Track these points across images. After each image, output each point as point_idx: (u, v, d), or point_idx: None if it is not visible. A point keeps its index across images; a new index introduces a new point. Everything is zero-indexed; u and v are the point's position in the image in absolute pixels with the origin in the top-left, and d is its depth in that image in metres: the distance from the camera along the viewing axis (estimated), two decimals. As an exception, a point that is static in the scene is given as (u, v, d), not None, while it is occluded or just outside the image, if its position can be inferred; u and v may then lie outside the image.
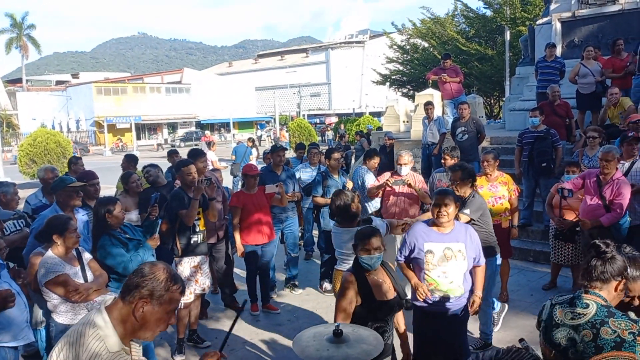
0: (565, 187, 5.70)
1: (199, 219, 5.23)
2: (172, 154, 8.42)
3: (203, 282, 5.29)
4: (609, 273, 2.38)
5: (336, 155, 7.17)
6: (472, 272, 3.99)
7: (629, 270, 2.43)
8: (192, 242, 5.17)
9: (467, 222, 4.38)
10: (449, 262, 3.74)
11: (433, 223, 3.84)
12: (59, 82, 70.84)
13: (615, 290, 2.40)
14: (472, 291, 4.01)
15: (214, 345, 5.43)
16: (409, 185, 5.97)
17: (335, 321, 3.22)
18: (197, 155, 5.97)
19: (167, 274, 2.06)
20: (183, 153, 7.43)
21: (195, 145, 44.13)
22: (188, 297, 5.07)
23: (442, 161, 6.43)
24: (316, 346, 2.41)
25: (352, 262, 3.51)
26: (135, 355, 2.16)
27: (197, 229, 5.23)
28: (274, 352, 5.19)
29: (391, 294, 3.31)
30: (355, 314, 3.23)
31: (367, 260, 3.26)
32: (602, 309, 2.35)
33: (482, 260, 3.99)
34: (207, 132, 47.25)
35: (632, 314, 2.39)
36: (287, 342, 5.35)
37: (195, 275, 5.19)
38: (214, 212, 5.53)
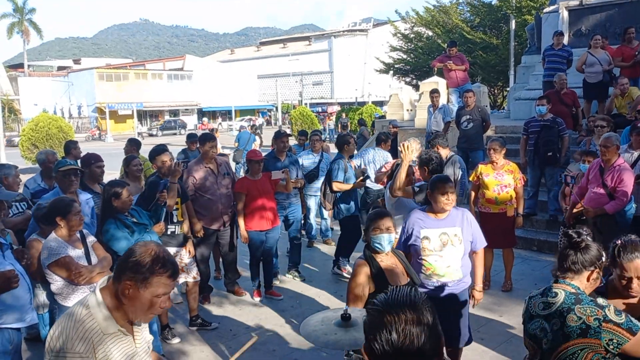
0: (569, 174, 5.68)
1: (177, 209, 5.18)
2: (190, 139, 8.44)
3: (189, 270, 5.26)
4: (581, 264, 2.38)
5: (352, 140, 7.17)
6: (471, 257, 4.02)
7: (603, 258, 2.41)
8: (169, 232, 5.11)
9: None
10: (445, 247, 3.76)
11: (429, 210, 3.87)
12: (60, 68, 70.62)
13: (588, 279, 2.39)
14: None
15: (221, 326, 5.44)
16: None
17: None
18: (206, 139, 5.94)
19: (155, 256, 1.97)
20: (159, 142, 7.45)
21: (174, 134, 43.66)
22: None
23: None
24: (324, 330, 2.38)
25: None
26: (138, 336, 2.14)
27: (175, 219, 5.19)
28: (277, 338, 5.18)
29: (404, 279, 3.30)
30: (369, 301, 3.17)
31: (379, 240, 3.22)
32: (569, 296, 2.34)
33: (480, 244, 3.99)
34: (205, 120, 46.73)
35: (600, 300, 2.34)
36: (290, 328, 5.34)
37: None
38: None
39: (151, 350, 2.32)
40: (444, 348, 1.38)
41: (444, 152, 6.08)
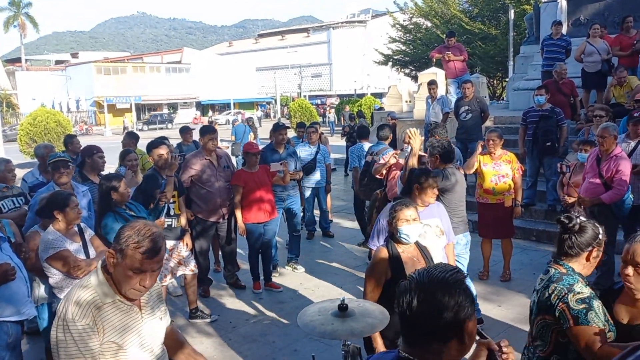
0: (565, 163, 5.68)
1: (174, 202, 5.18)
2: (185, 132, 8.39)
3: (187, 262, 5.27)
4: (577, 247, 2.43)
5: None
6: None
7: (600, 236, 2.45)
8: (166, 225, 5.11)
9: None
10: (428, 238, 3.77)
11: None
12: (58, 62, 70.33)
13: (588, 259, 2.45)
14: None
15: (220, 318, 5.46)
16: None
17: (364, 294, 3.21)
18: (206, 131, 5.93)
19: (137, 231, 2.00)
20: (146, 137, 7.44)
21: (160, 129, 42.13)
22: (168, 280, 5.17)
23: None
24: (321, 320, 2.38)
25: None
26: (146, 307, 2.18)
27: (172, 213, 5.18)
28: (277, 330, 5.19)
29: None
30: (384, 289, 3.15)
31: (407, 231, 3.15)
32: (556, 274, 2.42)
33: (452, 237, 4.16)
34: (197, 113, 45.58)
35: (579, 285, 2.34)
36: (289, 320, 5.35)
37: (173, 258, 5.17)
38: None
39: (169, 323, 2.36)
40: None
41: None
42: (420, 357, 1.42)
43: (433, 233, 3.82)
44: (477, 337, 1.58)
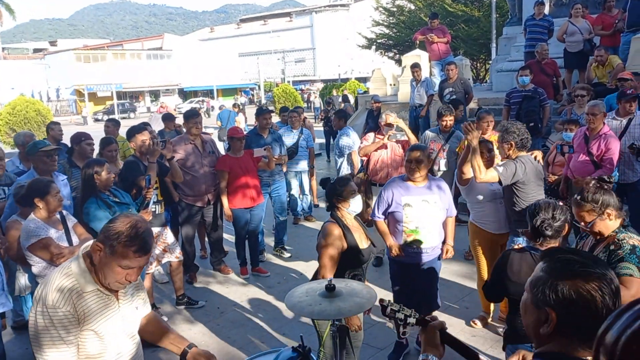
0: (564, 144, 5.71)
1: (157, 188, 5.11)
2: (167, 119, 8.27)
3: (172, 250, 5.22)
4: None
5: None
6: (443, 224, 4.19)
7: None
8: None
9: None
10: (426, 213, 3.91)
11: (407, 178, 4.00)
12: (36, 50, 69.09)
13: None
14: (444, 242, 4.23)
15: (208, 304, 5.44)
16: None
17: (320, 270, 3.33)
18: (191, 116, 5.86)
19: (129, 228, 1.98)
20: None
21: (122, 119, 39.54)
22: (154, 267, 5.16)
23: (441, 122, 6.58)
24: (309, 301, 2.37)
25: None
26: (124, 298, 2.18)
27: (155, 199, 5.11)
28: (265, 314, 5.20)
29: (367, 242, 3.47)
30: (341, 260, 3.33)
31: (354, 204, 3.42)
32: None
33: (453, 211, 4.22)
34: (163, 102, 43.07)
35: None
36: (277, 304, 5.36)
37: (159, 245, 5.13)
38: (177, 173, 5.46)
39: (149, 311, 2.37)
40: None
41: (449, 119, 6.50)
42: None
43: (431, 208, 3.92)
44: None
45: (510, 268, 2.82)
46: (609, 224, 2.81)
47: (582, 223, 2.86)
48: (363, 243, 3.42)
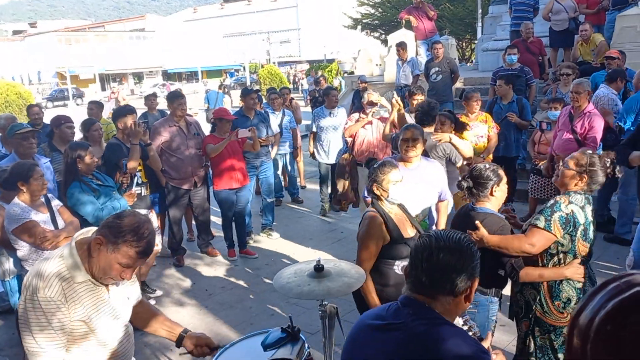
0: (544, 121, 5.74)
1: (140, 170, 5.06)
2: (150, 98, 8.13)
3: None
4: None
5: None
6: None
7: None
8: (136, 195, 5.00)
9: None
10: (418, 195, 3.80)
11: (400, 159, 3.90)
12: (16, 32, 67.53)
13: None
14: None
15: (196, 287, 5.42)
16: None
17: (360, 261, 3.03)
18: (174, 97, 5.78)
19: (136, 228, 1.97)
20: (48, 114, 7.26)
21: (65, 105, 36.58)
22: None
23: (412, 101, 6.31)
24: (297, 282, 2.38)
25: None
26: (113, 288, 2.14)
27: (139, 181, 5.06)
28: (253, 295, 5.21)
29: (413, 230, 3.19)
30: (382, 253, 3.05)
31: (396, 192, 3.14)
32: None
33: (447, 195, 4.09)
34: (115, 87, 40.64)
35: None
36: (266, 286, 5.37)
37: None
38: (155, 160, 5.38)
39: (139, 300, 2.36)
40: None
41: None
42: (429, 304, 1.55)
43: (424, 190, 3.84)
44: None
45: None
46: (575, 183, 2.81)
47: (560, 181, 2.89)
48: (409, 232, 3.16)
